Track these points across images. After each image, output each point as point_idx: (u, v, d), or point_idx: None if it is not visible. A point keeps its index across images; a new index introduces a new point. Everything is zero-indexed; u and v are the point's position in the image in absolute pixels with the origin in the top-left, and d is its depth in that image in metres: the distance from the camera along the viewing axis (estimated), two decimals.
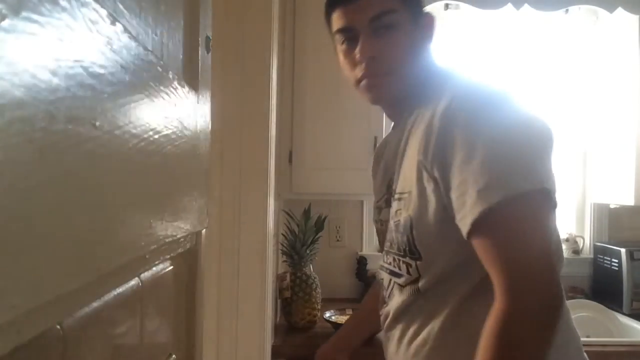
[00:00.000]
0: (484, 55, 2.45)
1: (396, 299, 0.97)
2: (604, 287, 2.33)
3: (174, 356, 0.58)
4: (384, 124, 1.91)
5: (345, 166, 1.99)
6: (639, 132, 2.16)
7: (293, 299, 1.88)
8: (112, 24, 0.34)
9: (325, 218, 2.01)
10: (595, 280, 2.40)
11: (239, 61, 1.38)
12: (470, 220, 0.77)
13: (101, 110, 0.32)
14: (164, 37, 0.49)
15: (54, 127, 0.27)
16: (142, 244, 0.42)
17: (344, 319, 1.86)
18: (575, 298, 2.23)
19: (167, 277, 0.56)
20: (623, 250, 2.20)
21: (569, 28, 2.45)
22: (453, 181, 0.80)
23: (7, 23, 0.22)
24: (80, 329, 0.33)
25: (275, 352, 1.66)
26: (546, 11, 2.20)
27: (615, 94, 2.28)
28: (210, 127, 0.72)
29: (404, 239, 0.90)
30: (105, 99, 0.33)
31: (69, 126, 0.28)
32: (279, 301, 1.95)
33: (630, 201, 2.16)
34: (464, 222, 0.79)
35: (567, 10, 2.27)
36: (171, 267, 0.57)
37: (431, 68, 0.98)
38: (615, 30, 2.28)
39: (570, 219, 2.50)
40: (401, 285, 0.94)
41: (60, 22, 0.27)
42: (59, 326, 0.30)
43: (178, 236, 0.54)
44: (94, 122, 0.31)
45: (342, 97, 1.95)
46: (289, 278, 1.88)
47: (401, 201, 0.91)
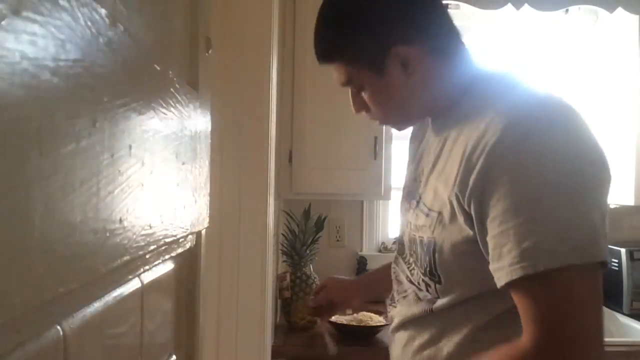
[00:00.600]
0: (483, 55, 2.45)
1: (407, 308, 0.95)
2: (603, 287, 2.32)
3: (174, 356, 0.58)
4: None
5: (345, 166, 1.99)
6: (639, 132, 2.16)
7: (293, 299, 1.87)
8: (112, 24, 0.34)
9: (325, 218, 2.01)
10: None
11: (239, 61, 1.38)
12: (507, 279, 0.71)
13: (101, 110, 0.32)
14: (164, 37, 0.49)
15: (54, 127, 0.27)
16: (142, 244, 0.42)
17: (344, 319, 1.86)
18: None
19: (167, 277, 0.56)
20: (623, 250, 2.19)
21: (569, 28, 2.45)
22: (492, 226, 0.73)
23: (7, 23, 0.22)
24: (80, 329, 0.33)
25: (275, 352, 1.66)
26: (546, 11, 2.20)
27: (615, 94, 2.28)
28: (210, 126, 0.72)
29: (426, 259, 0.86)
30: (105, 99, 0.33)
31: (69, 126, 0.28)
32: (279, 301, 1.95)
33: (630, 201, 2.16)
34: (499, 275, 0.73)
35: (567, 10, 2.27)
36: (171, 267, 0.57)
37: (456, 83, 0.91)
38: (615, 30, 2.28)
39: None
40: (419, 298, 0.92)
41: (60, 22, 0.27)
42: (59, 326, 0.30)
43: (178, 236, 0.54)
44: (93, 121, 0.31)
45: (342, 97, 1.94)
46: (289, 278, 1.88)
47: (428, 217, 0.86)
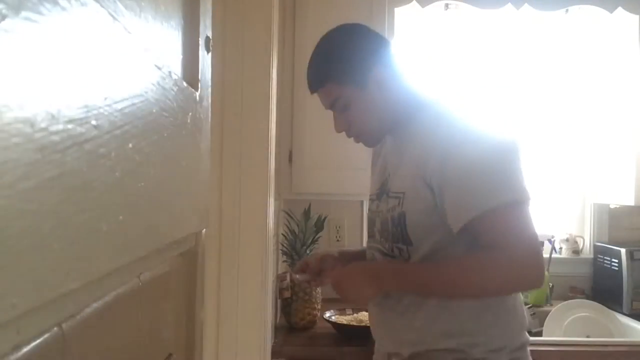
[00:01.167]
0: (484, 55, 2.45)
1: None
2: (604, 287, 2.33)
3: (174, 356, 0.58)
4: None
5: (345, 166, 1.98)
6: (639, 132, 2.16)
7: (293, 299, 1.87)
8: (112, 24, 0.34)
9: (325, 218, 2.01)
10: (595, 280, 2.40)
11: (239, 61, 1.38)
12: (470, 216, 1.04)
13: (100, 110, 0.32)
14: (164, 37, 0.49)
15: (54, 127, 0.27)
16: (142, 244, 0.42)
17: (344, 319, 1.86)
18: (575, 298, 2.23)
19: (167, 278, 0.56)
20: (623, 250, 2.20)
21: (569, 28, 2.46)
22: (449, 189, 1.07)
23: (7, 23, 0.22)
24: (80, 329, 0.33)
25: (275, 352, 1.66)
26: (546, 11, 2.20)
27: (616, 94, 2.29)
28: (210, 127, 0.72)
29: (398, 230, 1.15)
30: (105, 99, 0.33)
31: (69, 126, 0.28)
32: (279, 301, 1.95)
33: (630, 201, 2.16)
34: (460, 217, 1.06)
35: (567, 10, 2.27)
36: (171, 267, 0.57)
37: (410, 102, 1.20)
38: (615, 30, 2.28)
39: (570, 219, 2.50)
40: None
41: (59, 22, 0.27)
42: (59, 326, 0.30)
43: (178, 236, 0.54)
44: (93, 122, 0.31)
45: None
46: (289, 278, 1.88)
47: (396, 199, 1.16)
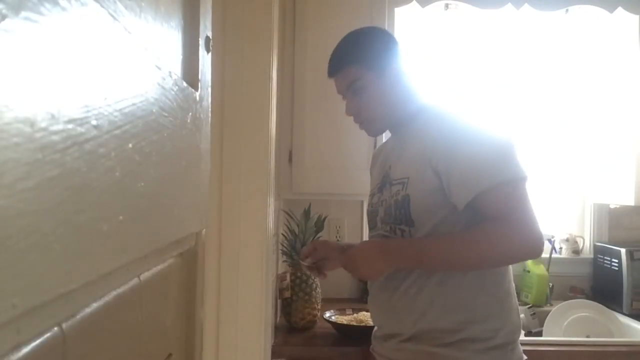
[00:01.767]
0: (484, 55, 2.45)
1: None
2: (604, 287, 2.32)
3: (174, 356, 0.58)
4: None
5: (345, 166, 1.99)
6: (639, 132, 2.16)
7: (293, 299, 1.87)
8: (112, 24, 0.34)
9: (325, 218, 2.01)
10: (595, 280, 2.40)
11: (239, 61, 1.38)
12: (476, 191, 1.13)
13: (100, 110, 0.32)
14: (164, 37, 0.49)
15: (54, 127, 0.27)
16: (142, 244, 0.42)
17: (344, 319, 1.86)
18: (575, 298, 2.23)
19: (167, 277, 0.56)
20: (623, 250, 2.20)
21: (569, 28, 2.45)
22: (457, 168, 1.15)
23: (7, 23, 0.22)
24: (80, 329, 0.33)
25: (275, 352, 1.66)
26: (546, 11, 2.20)
27: (616, 94, 2.29)
28: (210, 127, 0.72)
29: (401, 212, 1.23)
30: (105, 99, 0.33)
31: (69, 126, 0.28)
32: (279, 301, 1.95)
33: (630, 201, 2.16)
34: (465, 195, 1.14)
35: (567, 10, 2.27)
36: (171, 267, 0.57)
37: (414, 104, 1.31)
38: (615, 30, 2.28)
39: (570, 219, 2.50)
40: None
41: (59, 22, 0.27)
42: (59, 326, 0.30)
43: (178, 236, 0.54)
44: (93, 121, 0.31)
45: (342, 97, 1.94)
46: (289, 278, 1.88)
47: (400, 184, 1.25)
